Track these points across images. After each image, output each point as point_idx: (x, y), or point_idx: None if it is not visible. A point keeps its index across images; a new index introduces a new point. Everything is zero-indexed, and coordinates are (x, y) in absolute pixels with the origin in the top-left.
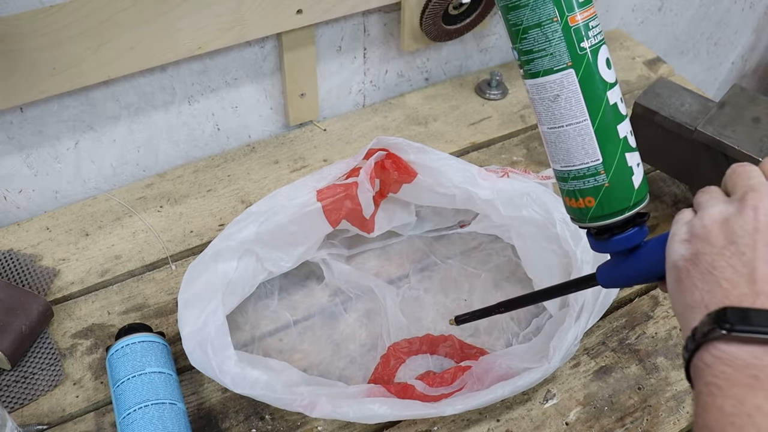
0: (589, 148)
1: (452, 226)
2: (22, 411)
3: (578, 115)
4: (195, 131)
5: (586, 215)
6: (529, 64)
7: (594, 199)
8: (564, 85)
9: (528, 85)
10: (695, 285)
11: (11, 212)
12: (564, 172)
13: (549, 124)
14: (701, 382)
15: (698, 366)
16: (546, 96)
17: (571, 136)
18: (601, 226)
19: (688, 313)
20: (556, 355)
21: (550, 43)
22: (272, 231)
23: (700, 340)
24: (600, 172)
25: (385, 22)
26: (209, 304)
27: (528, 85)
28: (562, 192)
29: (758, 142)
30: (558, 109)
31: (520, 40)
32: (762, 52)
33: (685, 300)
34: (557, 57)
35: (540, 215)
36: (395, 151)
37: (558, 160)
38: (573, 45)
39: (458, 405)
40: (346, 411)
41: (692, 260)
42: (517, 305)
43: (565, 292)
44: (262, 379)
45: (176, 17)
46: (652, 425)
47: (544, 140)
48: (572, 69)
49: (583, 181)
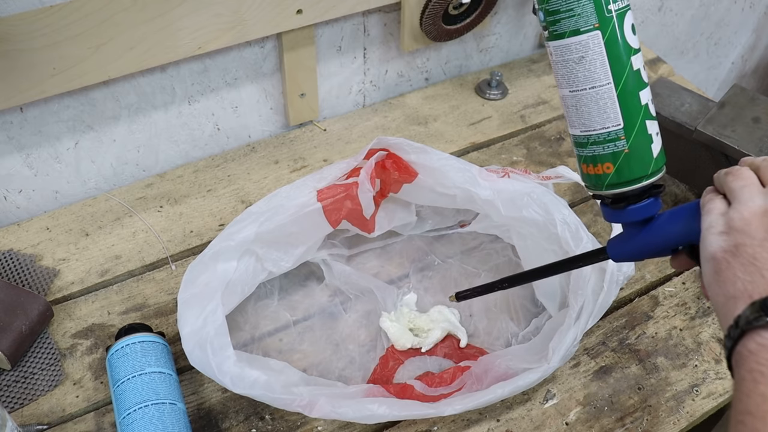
0: (610, 113)
1: (452, 226)
2: (22, 411)
3: (602, 78)
4: (195, 131)
5: (604, 182)
6: (554, 25)
7: (612, 165)
8: (589, 47)
9: (552, 47)
10: (736, 276)
11: (11, 212)
12: (583, 137)
13: (571, 87)
14: (744, 369)
15: (741, 353)
16: (570, 58)
17: (593, 99)
18: (617, 194)
19: (731, 303)
20: (555, 355)
21: (578, 3)
22: (272, 231)
23: (744, 327)
24: (620, 137)
25: (385, 22)
26: (209, 304)
27: (552, 47)
28: (579, 159)
29: (758, 142)
30: (582, 71)
31: (548, 0)
32: (762, 52)
33: (727, 290)
34: (584, 18)
35: (540, 216)
36: (396, 151)
37: (577, 124)
38: (601, 7)
39: (457, 405)
40: (345, 411)
41: (732, 252)
42: (521, 280)
43: (572, 266)
44: (261, 379)
45: (176, 17)
46: (652, 425)
47: (564, 105)
48: (599, 31)
49: (603, 146)
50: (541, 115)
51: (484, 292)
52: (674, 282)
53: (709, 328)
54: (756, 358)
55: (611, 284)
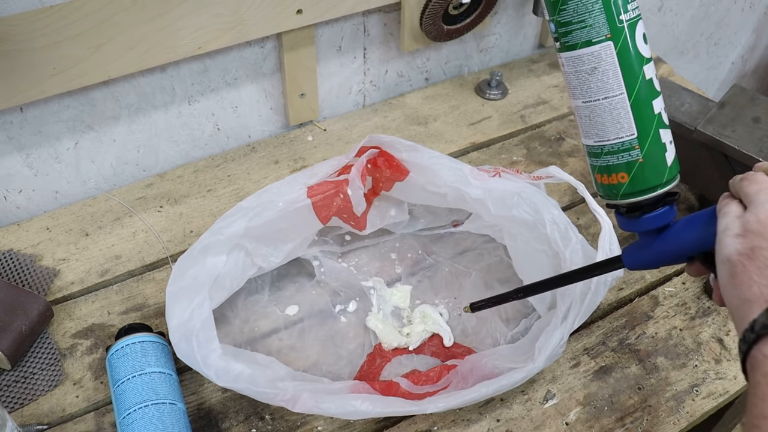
0: (624, 123)
1: (445, 225)
2: (22, 411)
3: (615, 88)
4: (195, 131)
5: (618, 191)
6: (566, 36)
7: (627, 174)
8: (602, 58)
9: (563, 58)
10: (752, 279)
11: (11, 212)
12: (597, 147)
13: (584, 97)
14: (759, 373)
15: (756, 357)
16: (583, 69)
17: (607, 110)
18: (632, 203)
19: (746, 307)
20: (541, 355)
21: (590, 14)
22: (262, 226)
23: (760, 332)
24: (634, 147)
25: (385, 22)
26: (196, 298)
27: (563, 59)
28: (593, 169)
29: (758, 142)
30: (594, 82)
31: (559, 12)
32: (762, 52)
33: (742, 294)
34: (596, 29)
35: (530, 215)
36: (388, 149)
37: (591, 135)
38: (612, 17)
39: (441, 403)
40: (328, 407)
41: (748, 255)
42: (536, 291)
43: (587, 276)
44: (246, 373)
45: (176, 17)
46: (652, 425)
47: (577, 115)
48: (611, 41)
49: (617, 156)
50: (541, 115)
51: (498, 302)
52: (674, 282)
53: (709, 328)
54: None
55: (599, 285)
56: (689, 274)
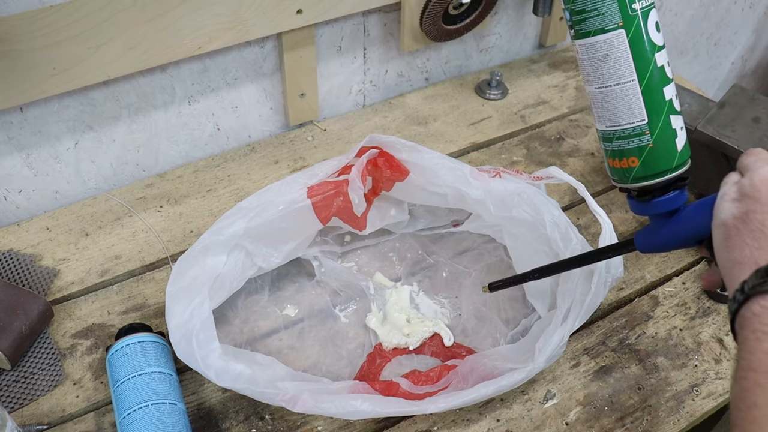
0: (635, 108)
1: (445, 225)
2: (22, 411)
3: (626, 75)
4: (195, 131)
5: (629, 175)
6: (580, 24)
7: (638, 159)
8: (614, 45)
9: (578, 45)
10: (745, 242)
11: (11, 212)
12: (609, 132)
13: (597, 83)
14: (748, 330)
15: (746, 316)
16: (596, 56)
17: (619, 95)
18: (643, 187)
19: (737, 269)
20: (540, 356)
21: (603, 3)
22: (262, 226)
23: (749, 292)
24: (645, 132)
25: (385, 22)
26: (196, 298)
27: (577, 46)
28: (606, 153)
29: (758, 142)
30: (607, 68)
31: (574, 0)
32: (762, 52)
33: (734, 256)
34: (609, 17)
35: (530, 216)
36: (388, 150)
37: (604, 120)
38: (625, 6)
39: (441, 403)
40: (328, 407)
41: (742, 218)
42: (551, 272)
43: (600, 258)
44: (246, 373)
45: (176, 17)
46: (652, 425)
47: (591, 100)
48: (623, 29)
49: (628, 141)
50: (541, 115)
51: (516, 282)
52: (674, 282)
53: (709, 328)
54: (760, 319)
55: (599, 286)
56: (702, 255)
